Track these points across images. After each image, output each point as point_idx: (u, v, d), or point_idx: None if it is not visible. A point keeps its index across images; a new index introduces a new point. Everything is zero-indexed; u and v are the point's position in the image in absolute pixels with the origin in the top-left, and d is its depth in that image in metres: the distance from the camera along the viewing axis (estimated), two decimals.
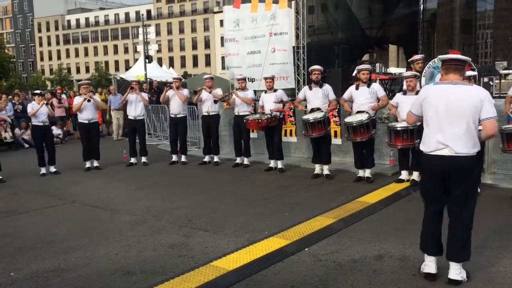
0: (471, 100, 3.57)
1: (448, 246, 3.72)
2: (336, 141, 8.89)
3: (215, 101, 9.40)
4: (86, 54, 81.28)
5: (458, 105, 3.58)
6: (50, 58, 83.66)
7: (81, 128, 9.79)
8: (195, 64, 71.52)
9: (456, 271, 3.65)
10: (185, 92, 9.93)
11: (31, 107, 9.12)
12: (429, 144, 3.72)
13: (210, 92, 9.32)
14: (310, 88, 7.87)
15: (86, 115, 9.41)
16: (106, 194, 7.37)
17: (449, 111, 3.59)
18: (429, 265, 3.76)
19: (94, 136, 9.61)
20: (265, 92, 8.77)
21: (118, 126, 15.23)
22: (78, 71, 79.80)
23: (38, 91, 9.69)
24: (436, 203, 3.79)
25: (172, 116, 9.85)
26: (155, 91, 15.93)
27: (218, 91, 9.42)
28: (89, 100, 9.33)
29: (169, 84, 10.40)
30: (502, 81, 11.87)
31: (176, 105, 9.72)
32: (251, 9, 12.47)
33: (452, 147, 3.58)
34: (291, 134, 9.79)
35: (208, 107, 9.47)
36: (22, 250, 4.87)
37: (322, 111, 7.63)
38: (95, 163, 9.68)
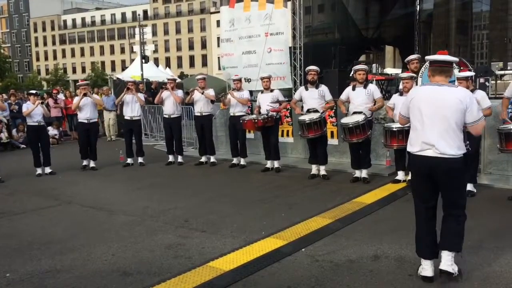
0: (454, 102, 3.58)
1: (441, 236, 3.74)
2: (332, 141, 8.90)
3: (212, 101, 9.39)
4: (83, 54, 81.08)
5: (441, 105, 3.60)
6: (46, 58, 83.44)
7: (80, 128, 9.82)
8: (192, 64, 71.46)
9: (447, 262, 3.63)
10: (180, 93, 9.93)
11: (26, 107, 9.09)
12: (414, 144, 3.75)
13: (202, 93, 9.32)
14: (306, 89, 7.86)
15: (86, 115, 9.43)
16: (103, 195, 7.35)
17: (433, 112, 3.62)
18: (426, 268, 3.77)
19: (92, 136, 9.64)
20: (262, 92, 8.78)
21: (109, 126, 15.18)
22: (74, 71, 79.58)
23: (33, 91, 9.67)
24: (426, 202, 3.79)
25: (166, 116, 9.84)
26: (153, 91, 15.87)
27: (210, 92, 9.41)
28: (85, 94, 9.34)
29: (164, 85, 10.41)
30: (498, 81, 11.89)
31: (170, 106, 9.71)
32: (243, 9, 12.46)
33: (437, 147, 3.60)
34: (287, 135, 9.78)
35: (200, 107, 9.43)
36: (18, 251, 4.85)
37: (318, 112, 7.63)
38: (92, 164, 9.67)
